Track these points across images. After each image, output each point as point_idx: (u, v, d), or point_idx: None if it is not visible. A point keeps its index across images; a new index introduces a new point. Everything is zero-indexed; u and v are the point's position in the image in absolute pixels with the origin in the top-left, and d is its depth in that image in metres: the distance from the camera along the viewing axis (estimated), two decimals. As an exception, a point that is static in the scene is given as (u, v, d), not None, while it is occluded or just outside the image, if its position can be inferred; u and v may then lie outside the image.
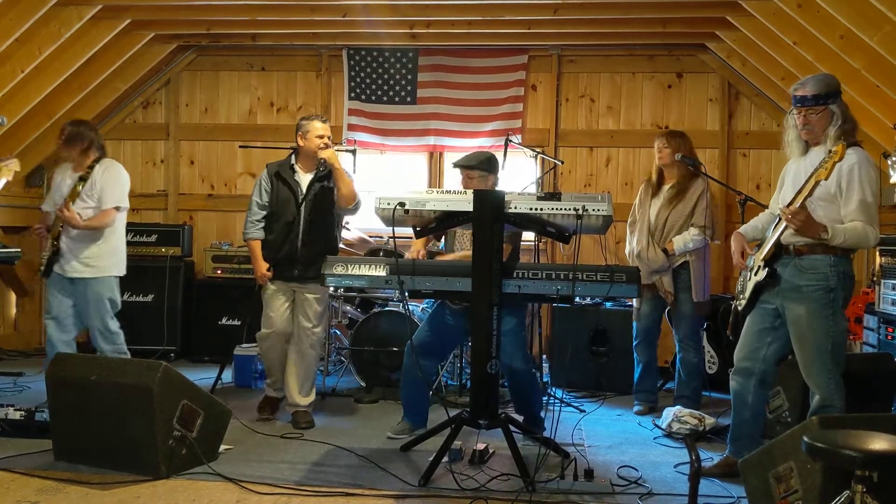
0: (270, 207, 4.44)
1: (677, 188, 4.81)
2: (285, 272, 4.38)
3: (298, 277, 4.37)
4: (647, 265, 4.74)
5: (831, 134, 3.30)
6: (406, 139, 6.65)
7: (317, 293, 4.41)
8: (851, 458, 2.28)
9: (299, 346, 4.43)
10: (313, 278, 4.25)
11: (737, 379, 3.56)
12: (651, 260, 4.76)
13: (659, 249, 4.76)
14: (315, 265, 4.14)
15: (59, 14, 5.33)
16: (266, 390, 4.67)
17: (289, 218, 4.37)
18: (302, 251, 4.36)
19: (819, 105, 3.31)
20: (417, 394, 4.22)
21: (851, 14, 4.39)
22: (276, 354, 4.50)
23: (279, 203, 4.42)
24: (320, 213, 4.41)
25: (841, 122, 3.29)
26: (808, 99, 3.33)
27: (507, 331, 3.88)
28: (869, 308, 4.90)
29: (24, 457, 3.66)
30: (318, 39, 6.56)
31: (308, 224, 4.38)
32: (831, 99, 3.31)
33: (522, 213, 3.55)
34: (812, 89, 3.32)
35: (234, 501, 3.21)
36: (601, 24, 5.92)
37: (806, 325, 3.30)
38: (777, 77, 5.74)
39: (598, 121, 6.59)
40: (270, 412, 4.55)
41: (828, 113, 3.32)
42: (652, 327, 4.95)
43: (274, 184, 4.45)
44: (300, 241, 4.36)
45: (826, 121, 3.32)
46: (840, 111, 3.31)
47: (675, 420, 4.38)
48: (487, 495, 3.27)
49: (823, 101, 3.31)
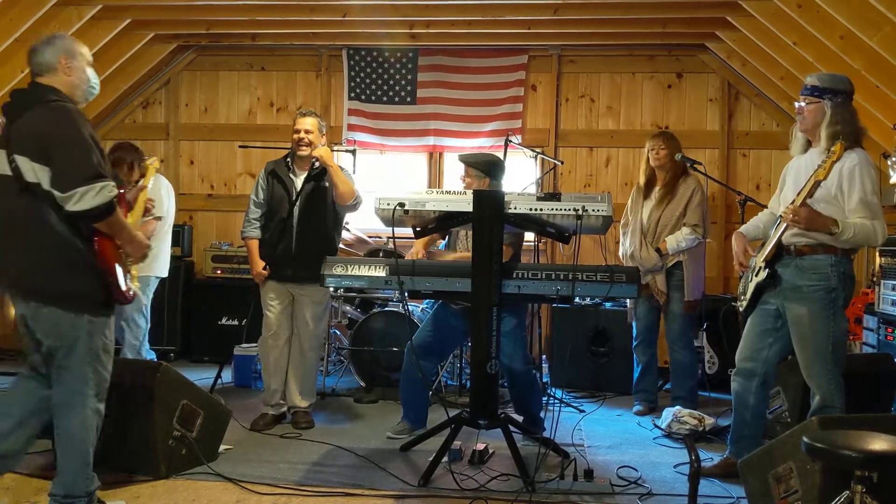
0: (267, 206, 4.42)
1: (667, 188, 4.83)
2: (281, 272, 4.33)
3: (294, 277, 4.31)
4: (640, 265, 4.74)
5: (823, 134, 3.29)
6: (406, 139, 6.65)
7: (314, 294, 4.35)
8: (851, 459, 2.28)
9: (299, 348, 4.41)
10: (309, 278, 4.08)
11: (738, 380, 3.56)
12: (644, 260, 4.76)
13: (652, 249, 4.77)
14: (311, 265, 3.96)
15: (59, 14, 5.33)
16: (262, 407, 4.47)
17: (283, 215, 4.32)
18: (297, 250, 4.30)
19: (813, 96, 3.30)
20: (417, 394, 4.22)
21: (851, 14, 4.39)
22: (273, 358, 4.41)
23: (274, 201, 4.39)
24: (315, 211, 4.35)
25: (831, 122, 3.26)
26: (806, 88, 3.34)
27: (506, 331, 3.88)
28: (869, 308, 4.90)
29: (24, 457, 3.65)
30: (318, 39, 6.55)
31: (303, 223, 4.32)
32: (828, 94, 3.28)
33: (522, 214, 3.55)
34: (814, 80, 3.33)
35: (233, 501, 3.21)
36: (601, 24, 5.92)
37: (807, 325, 3.30)
38: (777, 77, 5.74)
39: (598, 121, 6.59)
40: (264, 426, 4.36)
41: (820, 108, 3.29)
42: (651, 327, 4.95)
43: (269, 182, 4.42)
44: (294, 240, 4.31)
45: (817, 116, 3.30)
46: (833, 111, 3.27)
47: (674, 420, 4.38)
48: (487, 495, 3.28)
49: (818, 94, 3.29)
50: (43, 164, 2.70)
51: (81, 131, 2.75)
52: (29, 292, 2.79)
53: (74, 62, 2.88)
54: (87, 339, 2.81)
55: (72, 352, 2.79)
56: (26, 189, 2.73)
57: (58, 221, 2.73)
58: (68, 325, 2.77)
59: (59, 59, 2.84)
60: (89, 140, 2.75)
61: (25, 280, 2.79)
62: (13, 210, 2.77)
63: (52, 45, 2.85)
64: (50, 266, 2.76)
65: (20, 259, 2.78)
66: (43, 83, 2.84)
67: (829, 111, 3.27)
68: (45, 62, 2.84)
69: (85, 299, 2.80)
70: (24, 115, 2.77)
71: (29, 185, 2.72)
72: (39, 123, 2.74)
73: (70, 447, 2.82)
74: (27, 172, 2.72)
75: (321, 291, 4.40)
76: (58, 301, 2.77)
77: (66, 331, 2.78)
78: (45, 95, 2.80)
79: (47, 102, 2.78)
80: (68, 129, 2.73)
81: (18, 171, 2.73)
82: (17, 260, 2.79)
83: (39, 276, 2.76)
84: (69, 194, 2.66)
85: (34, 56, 2.85)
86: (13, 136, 2.76)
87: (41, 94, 2.80)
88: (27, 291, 2.80)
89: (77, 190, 2.66)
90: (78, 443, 2.82)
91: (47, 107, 2.77)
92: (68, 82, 2.87)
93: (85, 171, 2.68)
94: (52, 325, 2.78)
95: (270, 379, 4.43)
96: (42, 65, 2.84)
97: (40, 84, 2.84)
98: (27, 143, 2.73)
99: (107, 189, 2.71)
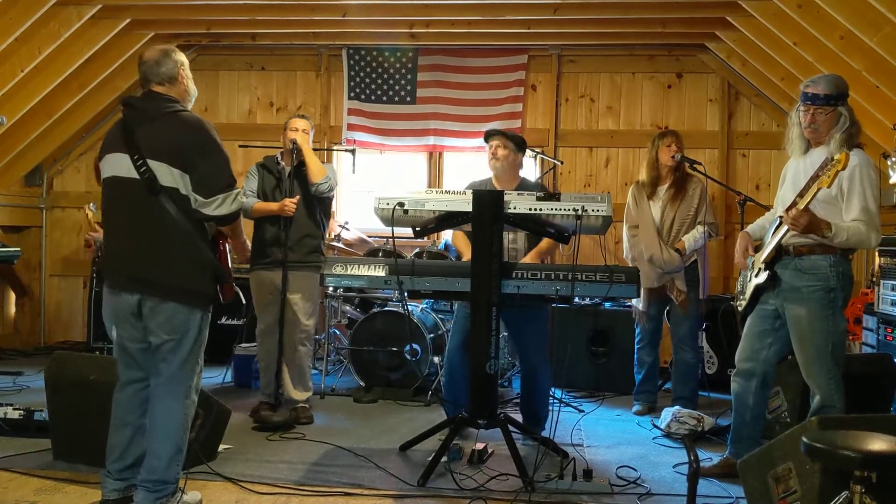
0: (257, 196, 4.52)
1: (676, 187, 4.80)
2: (272, 258, 4.42)
3: (283, 263, 4.35)
4: (661, 268, 4.71)
5: (836, 137, 3.27)
6: (405, 139, 6.65)
7: (303, 285, 4.44)
8: (850, 459, 2.28)
9: (290, 341, 4.43)
10: (298, 264, 4.38)
11: (738, 381, 3.56)
12: (667, 262, 4.71)
13: (672, 251, 4.73)
14: (299, 251, 4.40)
15: (59, 13, 5.33)
16: (260, 396, 4.60)
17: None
18: (287, 236, 4.38)
19: (829, 105, 3.28)
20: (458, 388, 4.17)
21: (851, 15, 4.39)
22: (268, 347, 4.47)
23: (265, 192, 4.53)
24: (303, 200, 4.46)
25: (848, 126, 3.26)
26: (819, 98, 3.29)
27: (535, 328, 4.04)
28: (868, 308, 4.90)
29: (23, 456, 3.66)
30: (318, 39, 6.55)
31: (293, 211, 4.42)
32: (842, 101, 3.29)
33: (522, 214, 3.55)
34: (824, 89, 3.28)
35: (233, 501, 3.22)
36: (601, 24, 5.92)
37: (806, 325, 3.30)
38: (777, 77, 5.74)
39: (598, 121, 6.59)
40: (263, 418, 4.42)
41: (836, 114, 3.28)
42: (657, 329, 4.95)
43: (261, 173, 4.58)
44: (283, 227, 4.38)
45: (832, 122, 3.29)
46: (848, 114, 3.28)
47: (674, 420, 4.38)
48: (486, 495, 3.28)
49: (834, 102, 3.28)
50: (182, 171, 2.87)
51: (218, 141, 2.96)
52: (155, 288, 2.89)
53: (186, 73, 3.06)
54: (197, 333, 2.99)
55: (180, 345, 2.93)
56: (160, 192, 2.86)
57: (186, 223, 2.89)
58: (183, 318, 2.92)
59: (178, 69, 3.01)
60: (225, 150, 2.97)
61: (153, 276, 2.89)
62: (143, 212, 2.89)
63: (171, 57, 3.00)
64: (179, 264, 2.91)
65: (151, 258, 2.89)
66: (161, 92, 2.97)
67: (846, 115, 3.28)
68: (168, 73, 2.99)
69: (203, 296, 2.98)
70: (154, 123, 2.89)
71: (164, 189, 2.86)
72: (178, 132, 2.90)
73: (167, 433, 2.93)
74: (163, 177, 2.86)
75: (309, 286, 4.45)
76: (180, 296, 2.91)
77: (180, 324, 2.92)
78: (171, 105, 2.95)
79: (177, 112, 2.94)
80: (208, 138, 2.93)
81: (152, 175, 2.85)
82: (147, 257, 2.90)
83: (168, 272, 2.90)
84: (211, 200, 2.88)
85: (156, 66, 2.98)
86: (143, 142, 2.87)
87: (166, 104, 2.95)
88: (153, 287, 2.89)
89: (219, 196, 2.89)
90: (175, 429, 2.94)
91: (179, 116, 2.94)
92: (182, 92, 3.04)
93: (225, 179, 2.92)
94: (168, 318, 2.90)
95: (265, 368, 4.55)
96: (163, 75, 2.98)
97: (160, 93, 2.98)
98: (165, 150, 2.86)
99: (241, 196, 2.99)
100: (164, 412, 2.94)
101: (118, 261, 2.97)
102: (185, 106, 3.02)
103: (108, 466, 2.99)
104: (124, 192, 2.91)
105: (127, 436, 2.98)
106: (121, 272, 2.95)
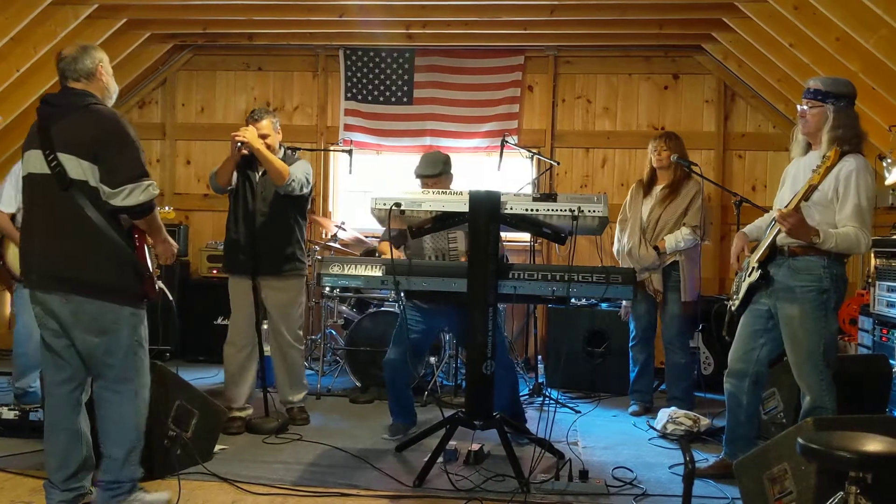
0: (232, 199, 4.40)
1: (670, 188, 4.82)
2: (244, 264, 4.27)
3: (255, 270, 4.25)
4: (637, 263, 4.74)
5: (824, 138, 3.28)
6: (402, 139, 6.65)
7: (281, 300, 4.36)
8: (846, 460, 2.28)
9: (277, 344, 4.42)
10: (270, 270, 4.28)
11: (731, 381, 3.57)
12: (642, 257, 4.76)
13: (650, 247, 4.76)
14: (271, 257, 4.25)
15: (56, 13, 5.31)
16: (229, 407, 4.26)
17: (244, 208, 4.31)
18: (257, 242, 4.24)
19: (816, 100, 3.29)
20: (401, 393, 4.23)
21: (847, 17, 4.40)
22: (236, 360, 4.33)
23: (237, 195, 4.36)
24: (274, 203, 4.31)
25: (832, 127, 3.25)
26: (809, 91, 3.33)
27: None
28: (863, 309, 4.91)
29: (18, 456, 3.65)
30: (315, 39, 6.55)
31: (262, 215, 4.29)
32: (831, 99, 3.27)
33: (518, 214, 3.56)
34: (817, 84, 3.31)
35: (229, 502, 3.21)
36: (597, 25, 5.92)
37: (798, 325, 3.31)
38: (773, 79, 5.75)
39: (595, 122, 6.60)
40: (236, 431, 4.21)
41: (822, 112, 3.29)
42: (648, 327, 4.96)
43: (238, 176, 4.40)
44: (256, 232, 4.25)
45: (820, 119, 3.30)
46: (835, 115, 3.26)
47: (669, 421, 4.38)
48: (482, 496, 3.28)
49: (822, 98, 3.28)
50: (91, 162, 2.82)
51: (131, 134, 2.90)
52: (73, 286, 2.84)
53: (106, 70, 3.06)
54: (131, 331, 2.92)
55: (115, 344, 2.87)
56: (69, 186, 2.82)
57: (99, 217, 2.84)
58: (112, 317, 2.87)
59: (97, 66, 3.01)
60: (137, 141, 2.92)
61: (70, 273, 2.84)
62: (55, 207, 2.85)
63: (89, 54, 3.00)
64: (93, 260, 2.85)
65: (64, 254, 2.85)
66: (78, 88, 2.97)
67: (832, 115, 3.26)
68: (85, 69, 2.98)
69: (126, 292, 2.91)
70: (67, 118, 2.87)
71: (73, 182, 2.82)
72: (89, 125, 2.86)
73: (119, 435, 2.90)
74: (72, 169, 2.82)
75: (287, 282, 4.38)
76: (102, 294, 2.86)
77: (109, 324, 2.86)
78: (86, 99, 2.93)
79: (91, 105, 2.91)
80: (120, 130, 2.88)
81: (62, 168, 2.81)
82: (61, 255, 2.85)
83: (86, 269, 2.84)
84: (118, 190, 2.81)
85: (73, 63, 2.97)
86: (56, 137, 2.85)
87: (82, 99, 2.93)
88: (71, 285, 2.84)
89: (126, 186, 2.81)
90: (128, 431, 2.92)
91: (93, 109, 2.91)
92: (101, 88, 3.03)
93: (134, 170, 2.85)
94: (94, 318, 2.85)
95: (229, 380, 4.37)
96: (80, 71, 2.98)
97: (77, 89, 2.97)
98: (75, 143, 2.83)
99: (152, 187, 2.88)
100: (115, 415, 2.90)
101: (33, 259, 2.91)
102: (104, 102, 3.00)
103: (51, 477, 2.90)
104: (39, 189, 2.88)
105: (63, 441, 2.91)
106: (35, 271, 2.90)
